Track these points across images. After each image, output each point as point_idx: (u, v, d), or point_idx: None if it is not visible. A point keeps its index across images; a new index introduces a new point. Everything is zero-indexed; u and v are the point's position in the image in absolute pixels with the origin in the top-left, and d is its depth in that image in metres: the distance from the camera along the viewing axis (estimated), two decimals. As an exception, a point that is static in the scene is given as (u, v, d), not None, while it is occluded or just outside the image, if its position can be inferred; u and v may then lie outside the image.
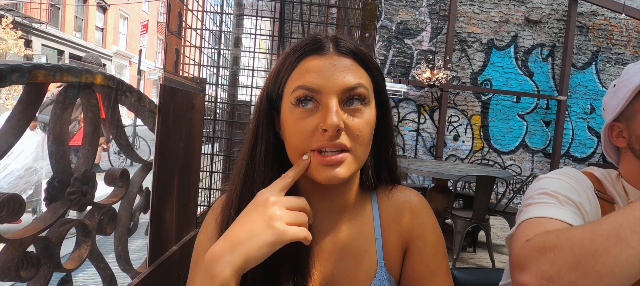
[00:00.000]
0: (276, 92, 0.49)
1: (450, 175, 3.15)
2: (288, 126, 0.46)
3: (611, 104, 0.65)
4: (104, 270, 0.98)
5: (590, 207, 0.58)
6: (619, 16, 4.97)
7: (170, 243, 1.23)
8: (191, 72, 1.87)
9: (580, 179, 0.62)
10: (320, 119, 0.44)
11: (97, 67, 3.07)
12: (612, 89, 0.66)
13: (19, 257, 0.69)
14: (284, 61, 0.48)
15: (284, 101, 0.48)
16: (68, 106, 0.77)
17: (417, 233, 0.53)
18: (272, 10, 2.37)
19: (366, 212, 0.55)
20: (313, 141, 0.45)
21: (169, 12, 1.70)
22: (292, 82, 0.46)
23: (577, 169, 0.65)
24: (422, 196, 0.57)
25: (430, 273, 0.52)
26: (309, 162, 0.45)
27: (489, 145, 5.33)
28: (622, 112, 0.62)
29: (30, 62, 0.65)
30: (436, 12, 5.12)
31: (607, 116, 0.67)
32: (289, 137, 0.47)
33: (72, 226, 0.86)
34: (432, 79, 4.34)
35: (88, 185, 0.86)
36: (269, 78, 0.50)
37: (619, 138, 0.64)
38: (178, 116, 1.20)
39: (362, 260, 0.52)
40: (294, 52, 0.48)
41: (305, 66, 0.46)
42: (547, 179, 0.62)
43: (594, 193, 0.61)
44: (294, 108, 0.45)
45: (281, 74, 0.48)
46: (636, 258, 0.38)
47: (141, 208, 1.15)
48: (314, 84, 0.44)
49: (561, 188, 0.58)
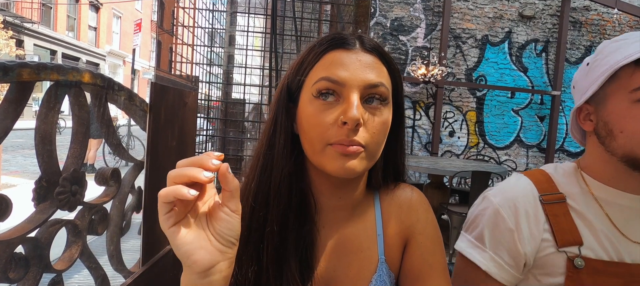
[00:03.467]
0: (297, 83, 0.49)
1: (446, 171, 3.16)
2: (306, 118, 0.46)
3: (583, 84, 0.60)
4: (96, 270, 0.97)
5: (527, 222, 0.58)
6: (612, 11, 5.00)
7: (164, 243, 1.22)
8: (185, 70, 1.86)
9: (520, 197, 0.60)
10: (341, 112, 0.44)
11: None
12: (585, 67, 0.61)
13: (6, 258, 0.68)
14: (309, 53, 0.48)
15: (303, 93, 0.48)
16: (55, 105, 0.76)
17: (417, 228, 0.54)
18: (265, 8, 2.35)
19: (369, 210, 0.55)
20: (331, 135, 0.44)
21: (162, 10, 1.69)
22: (315, 74, 0.46)
23: (522, 178, 0.64)
24: (422, 192, 0.58)
25: (429, 267, 0.53)
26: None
27: (484, 141, 5.35)
28: (594, 94, 0.58)
29: (14, 61, 0.64)
30: (430, 9, 5.12)
31: (576, 96, 0.63)
32: (306, 130, 0.46)
33: (62, 227, 0.85)
34: (427, 75, 4.35)
35: (78, 185, 0.85)
36: (291, 69, 0.50)
37: (586, 121, 0.60)
38: (170, 114, 1.19)
39: (364, 256, 0.53)
40: (320, 45, 0.48)
41: (330, 58, 0.46)
42: (487, 208, 0.62)
43: (538, 200, 0.59)
44: (314, 100, 0.45)
45: (304, 65, 0.48)
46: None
47: (133, 207, 1.14)
48: (338, 76, 0.44)
49: (494, 227, 0.59)
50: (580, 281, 0.54)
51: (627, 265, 0.54)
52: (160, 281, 1.15)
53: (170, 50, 1.76)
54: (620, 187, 0.57)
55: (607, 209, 0.57)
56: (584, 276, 0.54)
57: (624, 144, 0.54)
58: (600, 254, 0.55)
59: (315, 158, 0.47)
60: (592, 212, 0.58)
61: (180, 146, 1.28)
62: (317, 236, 0.52)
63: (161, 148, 1.13)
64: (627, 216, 0.57)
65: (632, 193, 0.57)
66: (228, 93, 2.54)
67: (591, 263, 0.54)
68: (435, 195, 3.49)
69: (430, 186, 3.65)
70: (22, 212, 0.77)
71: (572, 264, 0.55)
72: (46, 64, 0.70)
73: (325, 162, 0.45)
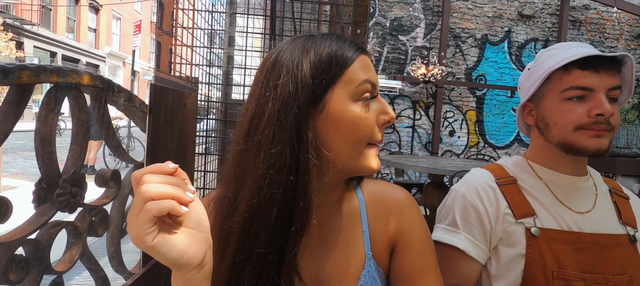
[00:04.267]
0: (327, 83, 0.46)
1: (446, 170, 3.16)
2: (352, 120, 0.47)
3: (525, 86, 0.73)
4: (96, 271, 0.98)
5: (489, 201, 0.69)
6: (611, 10, 5.01)
7: (164, 244, 1.22)
8: (184, 71, 1.86)
9: (480, 183, 0.71)
10: (379, 113, 0.49)
11: None
12: (527, 71, 0.74)
13: (7, 260, 0.68)
14: (337, 51, 0.48)
15: (335, 94, 0.46)
16: (54, 107, 0.76)
17: (405, 231, 0.54)
18: (264, 8, 2.36)
19: (353, 205, 0.55)
20: (375, 135, 0.49)
21: (161, 11, 1.69)
22: (356, 75, 0.48)
23: (479, 170, 0.75)
24: (410, 193, 0.58)
25: (420, 270, 0.53)
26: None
27: (485, 140, 5.35)
28: (534, 94, 0.70)
29: (14, 63, 0.64)
30: (430, 8, 5.12)
31: (521, 95, 0.76)
32: (352, 131, 0.47)
33: (63, 228, 0.85)
34: (427, 75, 4.35)
35: (78, 186, 0.85)
36: (314, 67, 0.46)
37: (529, 116, 0.74)
38: (170, 115, 1.19)
39: (350, 253, 0.53)
40: (351, 45, 0.49)
41: (362, 60, 0.49)
42: (455, 197, 0.71)
43: (495, 184, 0.70)
44: (358, 102, 0.47)
45: (338, 63, 0.47)
46: None
47: (133, 208, 1.14)
48: (374, 80, 0.49)
49: (463, 210, 0.69)
50: (538, 247, 0.63)
51: (575, 233, 0.64)
52: (160, 282, 1.15)
53: (169, 51, 1.76)
54: (559, 169, 0.70)
55: (551, 187, 0.69)
56: (541, 243, 0.63)
57: (557, 133, 0.67)
58: (552, 224, 0.65)
59: (351, 159, 0.48)
60: (540, 190, 0.69)
61: (180, 147, 1.28)
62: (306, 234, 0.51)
63: (161, 149, 1.14)
64: (567, 192, 0.69)
65: (568, 174, 0.69)
66: (228, 94, 2.54)
67: (545, 232, 0.64)
68: (435, 195, 3.49)
69: (431, 185, 3.65)
70: (23, 214, 0.78)
71: (529, 233, 0.64)
72: (46, 66, 0.71)
73: (362, 162, 0.49)
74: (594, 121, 0.62)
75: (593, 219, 0.66)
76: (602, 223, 0.66)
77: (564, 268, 0.61)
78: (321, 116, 0.46)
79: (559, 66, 0.65)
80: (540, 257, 0.62)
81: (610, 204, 0.69)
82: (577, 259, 0.62)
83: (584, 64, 0.63)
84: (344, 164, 0.48)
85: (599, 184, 0.72)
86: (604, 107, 0.61)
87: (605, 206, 0.69)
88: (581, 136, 0.64)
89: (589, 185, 0.70)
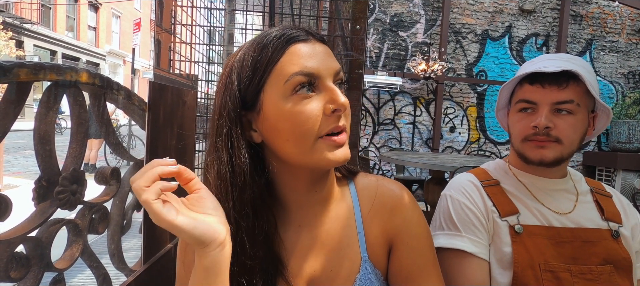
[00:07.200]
0: (255, 87, 0.45)
1: (447, 167, 3.16)
2: (288, 117, 0.44)
3: (500, 96, 0.79)
4: (97, 269, 0.98)
5: (478, 199, 0.71)
6: (612, 4, 4.97)
7: (165, 241, 1.22)
8: (184, 69, 1.86)
9: (467, 185, 0.74)
10: (326, 102, 0.44)
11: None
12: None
13: (8, 257, 0.69)
14: (261, 53, 0.45)
15: (267, 94, 0.45)
16: (53, 105, 0.76)
17: (402, 228, 0.52)
18: (263, 5, 2.35)
19: (346, 204, 0.53)
20: (322, 127, 0.44)
21: (160, 9, 1.68)
22: (282, 71, 0.44)
23: (464, 174, 0.78)
24: (405, 188, 0.56)
25: (419, 268, 0.51)
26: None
27: (485, 136, 5.34)
28: (504, 105, 0.78)
29: (11, 61, 0.64)
30: (430, 4, 5.10)
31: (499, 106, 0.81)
32: (290, 129, 0.44)
33: (63, 226, 0.85)
34: (428, 71, 4.34)
35: (78, 184, 0.85)
36: (236, 74, 0.46)
37: (504, 124, 0.80)
38: (169, 113, 1.19)
39: (345, 254, 0.51)
40: (273, 43, 0.45)
41: (292, 52, 0.44)
42: (447, 202, 0.73)
43: (480, 185, 0.73)
44: (291, 97, 0.44)
45: (261, 66, 0.45)
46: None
47: (134, 206, 1.14)
48: (313, 68, 0.44)
49: (459, 212, 0.70)
50: (523, 243, 0.66)
51: (555, 228, 0.67)
52: (161, 279, 1.15)
53: (169, 49, 1.76)
54: (536, 173, 0.72)
55: (531, 189, 0.72)
56: (525, 238, 0.66)
57: (513, 142, 0.73)
58: (534, 221, 0.68)
59: (302, 156, 0.45)
60: (521, 192, 0.72)
61: (180, 145, 1.29)
62: (296, 236, 0.50)
63: (161, 146, 1.14)
64: (548, 194, 0.71)
65: (545, 177, 0.72)
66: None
67: (528, 228, 0.67)
68: (436, 191, 3.49)
69: (431, 181, 3.65)
70: (25, 212, 0.78)
71: (513, 230, 0.67)
72: (43, 64, 0.71)
73: (317, 156, 0.45)
74: (534, 132, 0.67)
75: (573, 219, 0.68)
76: (583, 221, 0.68)
77: (549, 261, 0.64)
78: (260, 118, 0.46)
79: (512, 82, 0.72)
80: (526, 252, 0.65)
81: (592, 203, 0.71)
82: (558, 252, 0.64)
83: (531, 79, 0.68)
84: (298, 161, 0.46)
85: (579, 186, 0.74)
86: (538, 120, 0.65)
87: (586, 205, 0.71)
88: (527, 146, 0.69)
89: (568, 187, 0.73)
